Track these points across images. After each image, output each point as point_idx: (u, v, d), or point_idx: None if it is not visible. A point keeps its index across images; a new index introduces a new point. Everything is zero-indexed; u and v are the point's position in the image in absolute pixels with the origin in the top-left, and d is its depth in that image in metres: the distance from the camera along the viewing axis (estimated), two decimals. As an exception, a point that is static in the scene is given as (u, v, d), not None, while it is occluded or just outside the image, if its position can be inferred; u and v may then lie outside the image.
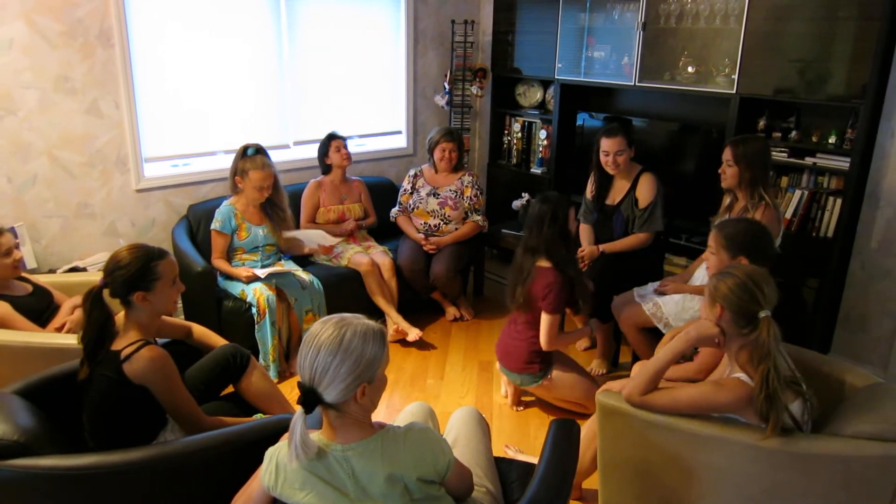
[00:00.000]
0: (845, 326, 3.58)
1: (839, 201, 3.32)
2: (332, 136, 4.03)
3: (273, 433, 1.88)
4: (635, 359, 3.42)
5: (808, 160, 3.40)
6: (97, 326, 1.94)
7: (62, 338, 2.47)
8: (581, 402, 3.07)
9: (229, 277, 3.49)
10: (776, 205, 2.92)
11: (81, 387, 1.98)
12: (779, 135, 3.56)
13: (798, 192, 3.43)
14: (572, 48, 4.36)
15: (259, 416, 2.27)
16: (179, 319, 2.42)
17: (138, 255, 1.99)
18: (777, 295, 1.96)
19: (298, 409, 1.43)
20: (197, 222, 3.76)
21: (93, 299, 1.94)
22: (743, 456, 1.93)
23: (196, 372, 2.33)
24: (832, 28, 3.17)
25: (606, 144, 3.44)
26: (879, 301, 3.43)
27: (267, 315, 3.32)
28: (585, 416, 3.04)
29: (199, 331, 2.46)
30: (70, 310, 2.73)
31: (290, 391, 3.30)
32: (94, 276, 3.01)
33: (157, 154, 3.81)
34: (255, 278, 3.39)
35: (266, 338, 3.36)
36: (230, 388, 2.42)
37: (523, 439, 3.01)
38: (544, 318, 2.94)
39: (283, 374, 3.47)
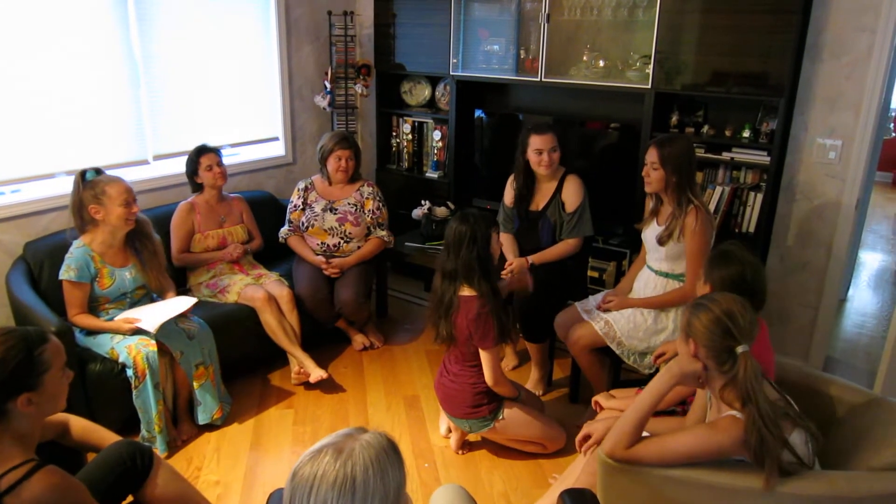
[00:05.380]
0: (766, 319, 3.56)
1: (759, 196, 3.28)
2: (200, 151, 3.35)
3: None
4: (574, 377, 3.19)
5: (726, 155, 3.33)
6: None
7: None
8: (538, 440, 2.76)
9: (92, 333, 2.78)
10: (707, 207, 2.78)
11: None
12: (692, 130, 3.48)
13: (719, 189, 3.36)
14: (463, 41, 4.03)
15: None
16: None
17: (12, 345, 1.43)
18: (757, 325, 1.77)
19: None
20: (38, 264, 2.97)
21: None
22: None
23: (83, 483, 1.72)
24: (749, 21, 3.06)
25: (539, 142, 3.14)
26: (798, 293, 3.44)
27: (148, 377, 2.66)
28: (545, 457, 2.80)
29: (79, 426, 1.83)
30: None
31: (185, 466, 2.69)
32: None
33: (-26, 181, 2.97)
34: (140, 331, 2.73)
35: (149, 404, 2.70)
36: (130, 498, 1.83)
37: (477, 486, 2.65)
38: (484, 356, 2.60)
39: (174, 444, 2.82)
